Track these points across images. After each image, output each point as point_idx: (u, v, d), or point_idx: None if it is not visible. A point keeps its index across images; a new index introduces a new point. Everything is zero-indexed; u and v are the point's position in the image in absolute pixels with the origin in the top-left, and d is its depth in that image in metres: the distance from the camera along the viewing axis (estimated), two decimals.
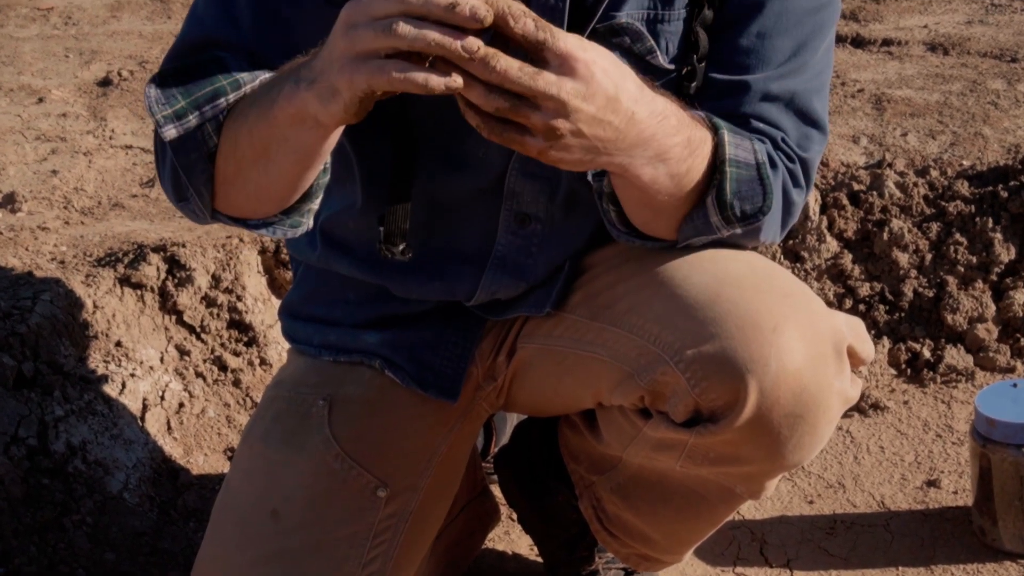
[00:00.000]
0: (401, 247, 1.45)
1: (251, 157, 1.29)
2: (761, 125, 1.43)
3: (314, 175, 1.34)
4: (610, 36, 1.41)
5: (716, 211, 1.37)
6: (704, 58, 1.44)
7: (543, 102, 1.15)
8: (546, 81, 1.14)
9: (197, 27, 1.41)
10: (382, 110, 1.47)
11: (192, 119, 1.29)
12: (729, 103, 1.43)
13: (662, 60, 1.43)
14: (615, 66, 1.20)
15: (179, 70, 1.31)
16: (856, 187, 2.60)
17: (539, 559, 2.02)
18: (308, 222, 1.41)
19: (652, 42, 1.42)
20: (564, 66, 1.15)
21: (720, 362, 1.37)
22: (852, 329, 1.44)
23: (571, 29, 1.39)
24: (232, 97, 1.29)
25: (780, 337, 1.36)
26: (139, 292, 2.25)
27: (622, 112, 1.21)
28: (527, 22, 1.13)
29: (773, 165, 1.41)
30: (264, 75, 1.32)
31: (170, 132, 1.30)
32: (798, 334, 1.37)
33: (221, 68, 1.31)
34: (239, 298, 2.32)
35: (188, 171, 1.33)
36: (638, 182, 1.31)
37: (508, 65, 1.12)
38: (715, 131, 1.35)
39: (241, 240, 2.36)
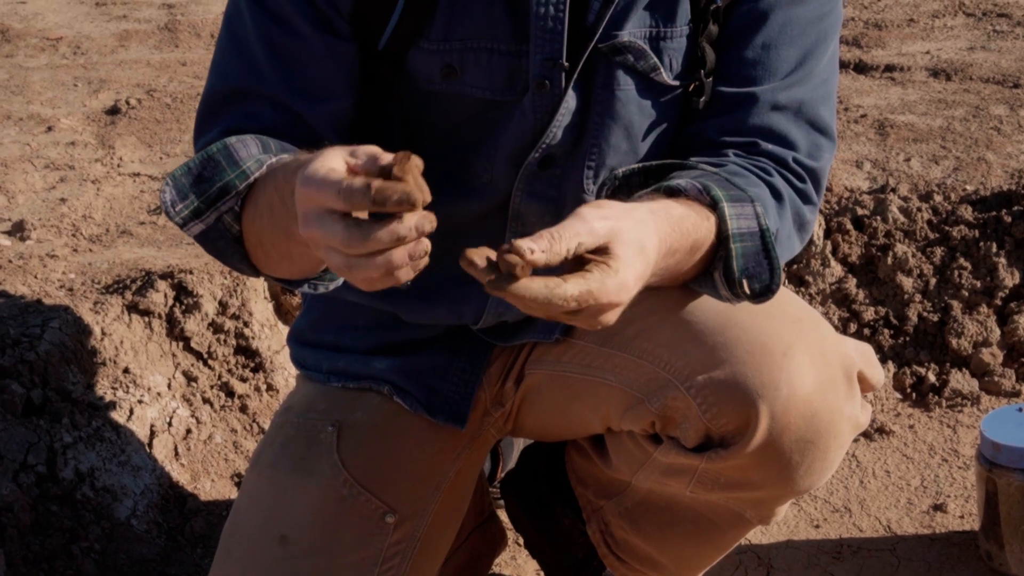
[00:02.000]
0: None
1: (275, 255, 1.31)
2: (770, 147, 1.43)
3: None
4: (613, 55, 1.42)
5: (725, 287, 1.36)
6: (712, 73, 1.45)
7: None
8: (604, 322, 1.18)
9: (221, 79, 1.43)
10: (389, 140, 1.48)
11: (211, 216, 1.31)
12: (738, 116, 1.44)
13: (666, 77, 1.45)
14: (640, 257, 1.19)
15: (189, 170, 1.33)
16: (860, 212, 2.60)
17: None
18: None
19: (655, 59, 1.43)
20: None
21: (731, 387, 1.37)
22: (862, 355, 1.45)
23: (572, 48, 1.41)
24: (243, 187, 1.30)
25: (791, 362, 1.36)
26: (147, 319, 2.25)
27: (646, 278, 1.23)
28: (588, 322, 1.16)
29: (779, 198, 1.41)
30: (273, 161, 1.30)
31: (195, 228, 1.32)
32: (808, 359, 1.38)
33: (229, 158, 1.31)
34: (246, 324, 2.32)
35: (221, 255, 1.36)
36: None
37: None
38: (715, 206, 1.32)
39: None
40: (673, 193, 1.32)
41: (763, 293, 1.35)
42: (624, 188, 1.39)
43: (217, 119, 1.42)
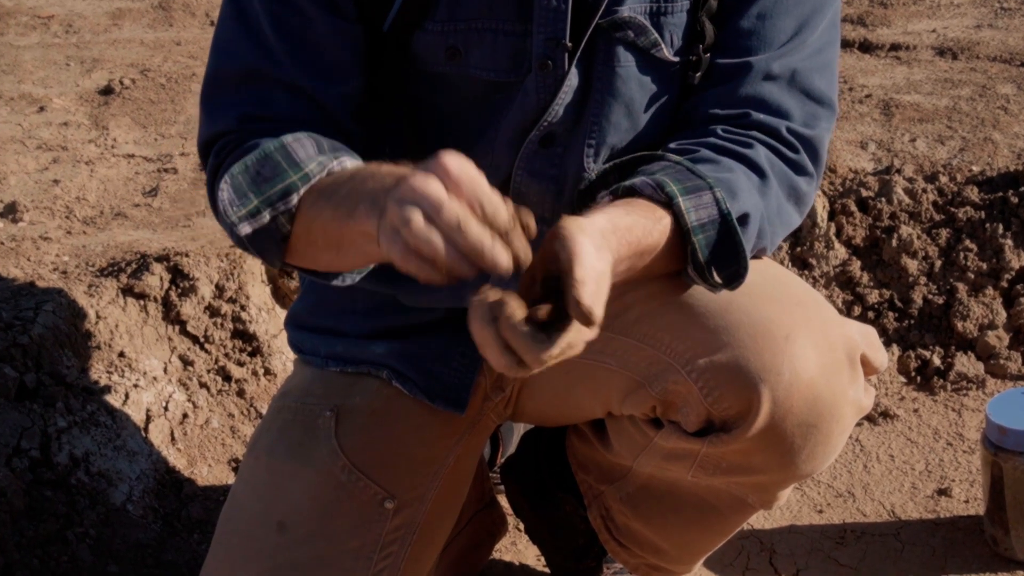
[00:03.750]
0: None
1: (322, 244, 1.32)
2: (762, 117, 1.43)
3: None
4: (613, 31, 1.41)
5: (699, 278, 1.36)
6: (711, 48, 1.44)
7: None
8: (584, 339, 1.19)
9: (229, 59, 1.42)
10: (393, 124, 1.47)
11: (266, 215, 1.32)
12: (730, 87, 1.43)
13: (667, 53, 1.44)
14: (604, 274, 1.20)
15: (247, 168, 1.33)
16: (864, 193, 2.59)
17: (546, 570, 2.01)
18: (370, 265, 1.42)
19: (656, 35, 1.43)
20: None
21: (733, 371, 1.36)
22: (865, 337, 1.44)
23: (575, 26, 1.41)
24: (303, 190, 1.31)
25: (793, 346, 1.36)
26: (142, 302, 2.24)
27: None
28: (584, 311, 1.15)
29: (761, 175, 1.40)
30: (334, 165, 1.33)
31: (245, 229, 1.33)
32: (811, 343, 1.37)
33: (288, 158, 1.32)
34: (243, 308, 2.31)
35: (262, 253, 1.36)
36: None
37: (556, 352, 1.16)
38: (670, 202, 1.32)
39: None
40: (630, 193, 1.33)
41: (733, 279, 1.35)
42: (600, 184, 1.41)
43: (229, 104, 1.41)
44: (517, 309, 1.14)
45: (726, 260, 1.34)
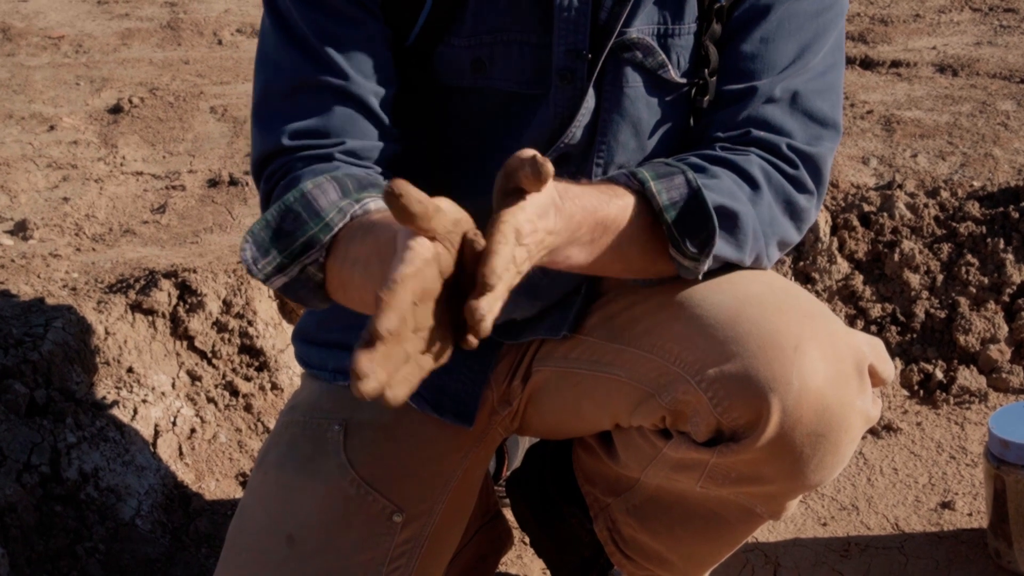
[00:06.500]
0: None
1: (358, 299, 1.30)
2: (762, 134, 1.43)
3: None
4: (621, 51, 1.42)
5: (680, 255, 1.37)
6: (715, 72, 1.45)
7: None
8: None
9: (277, 74, 1.43)
10: (409, 140, 1.48)
11: (294, 268, 1.30)
12: (734, 109, 1.44)
13: (674, 74, 1.45)
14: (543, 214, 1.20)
15: (268, 224, 1.31)
16: (866, 208, 2.60)
17: None
18: None
19: (663, 56, 1.44)
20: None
21: (742, 381, 1.36)
22: (873, 349, 1.44)
23: (591, 42, 1.42)
24: (326, 239, 1.29)
25: (802, 356, 1.36)
26: (150, 318, 2.24)
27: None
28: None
29: (754, 185, 1.40)
30: (356, 209, 1.30)
31: (278, 282, 1.31)
32: (820, 353, 1.37)
33: (308, 208, 1.30)
34: (250, 323, 2.31)
35: (302, 301, 1.35)
36: (572, 264, 1.32)
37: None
38: (641, 186, 1.33)
39: None
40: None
41: (706, 243, 1.36)
42: None
43: (281, 117, 1.41)
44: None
45: (696, 228, 1.34)
